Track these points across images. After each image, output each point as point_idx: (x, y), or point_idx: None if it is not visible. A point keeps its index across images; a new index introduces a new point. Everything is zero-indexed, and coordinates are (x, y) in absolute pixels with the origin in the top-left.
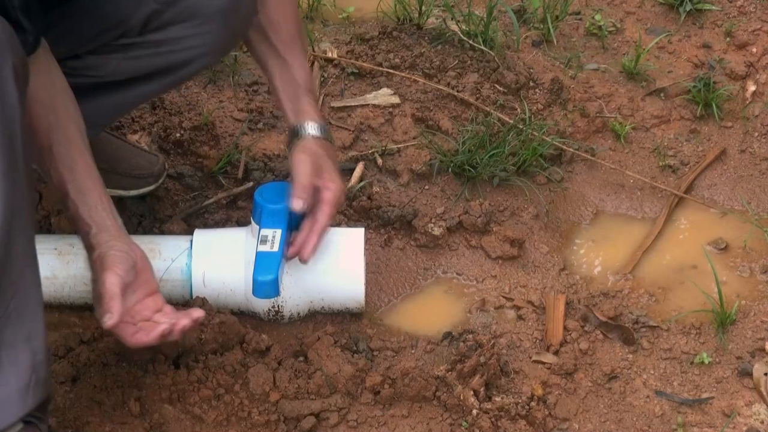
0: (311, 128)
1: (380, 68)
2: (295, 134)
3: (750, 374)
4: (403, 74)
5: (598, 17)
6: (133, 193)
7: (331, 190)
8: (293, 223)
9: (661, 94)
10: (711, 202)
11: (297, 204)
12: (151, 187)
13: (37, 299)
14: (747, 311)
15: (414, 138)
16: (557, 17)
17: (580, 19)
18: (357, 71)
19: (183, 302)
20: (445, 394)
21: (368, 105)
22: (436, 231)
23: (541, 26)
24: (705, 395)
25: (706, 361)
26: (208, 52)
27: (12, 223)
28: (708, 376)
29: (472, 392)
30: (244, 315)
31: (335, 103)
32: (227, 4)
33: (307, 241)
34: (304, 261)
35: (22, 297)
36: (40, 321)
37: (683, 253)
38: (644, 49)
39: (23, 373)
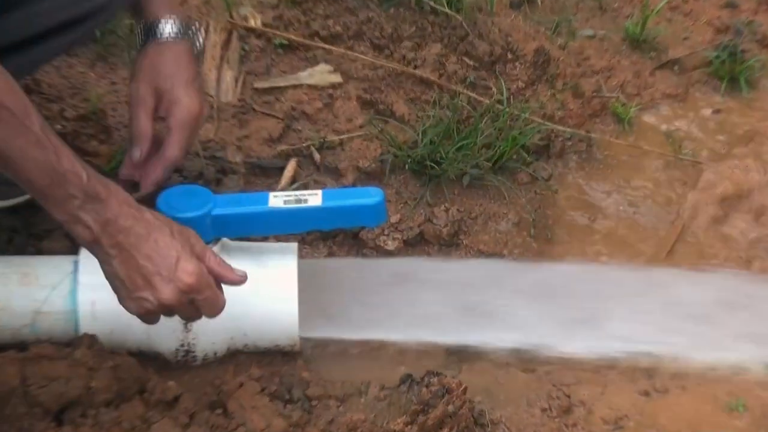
0: (164, 28)
1: (316, 40)
2: (142, 38)
3: None
4: (345, 46)
5: None
6: (2, 204)
7: (177, 111)
8: (212, 232)
9: (675, 67)
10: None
11: (134, 153)
12: (26, 196)
13: None
14: None
15: (360, 127)
16: None
17: None
18: (287, 43)
19: (67, 340)
20: None
21: (302, 85)
22: (390, 245)
23: None
24: None
25: None
26: None
27: None
28: None
29: None
30: (145, 356)
31: (259, 84)
32: None
33: (146, 173)
34: (142, 191)
35: None
36: None
37: None
38: (653, 10)
39: None
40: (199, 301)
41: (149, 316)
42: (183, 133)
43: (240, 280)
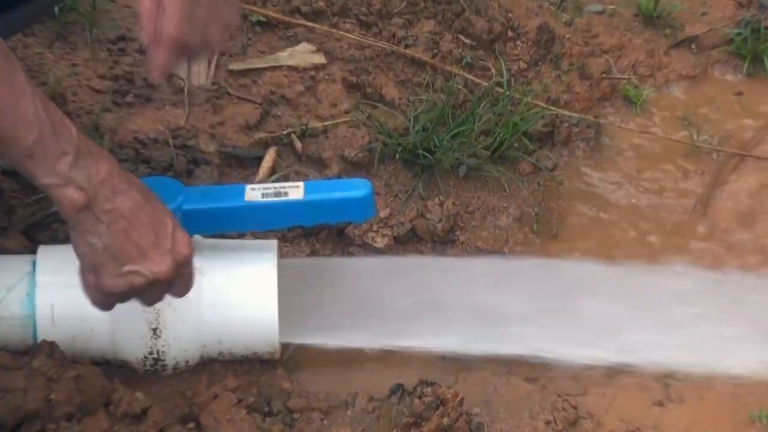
0: None
1: (297, 17)
2: None
3: None
4: (329, 24)
5: None
6: None
7: None
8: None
9: (693, 46)
10: None
11: (141, 37)
12: None
13: None
14: None
15: (346, 112)
16: None
17: None
18: (265, 20)
19: (24, 348)
20: None
21: (281, 67)
22: (379, 242)
23: None
24: None
25: None
26: None
27: None
28: None
29: None
30: (110, 365)
31: (235, 65)
32: None
33: (152, 61)
34: (154, 81)
35: None
36: None
37: None
38: None
39: None
40: (181, 276)
41: (120, 297)
42: (176, 5)
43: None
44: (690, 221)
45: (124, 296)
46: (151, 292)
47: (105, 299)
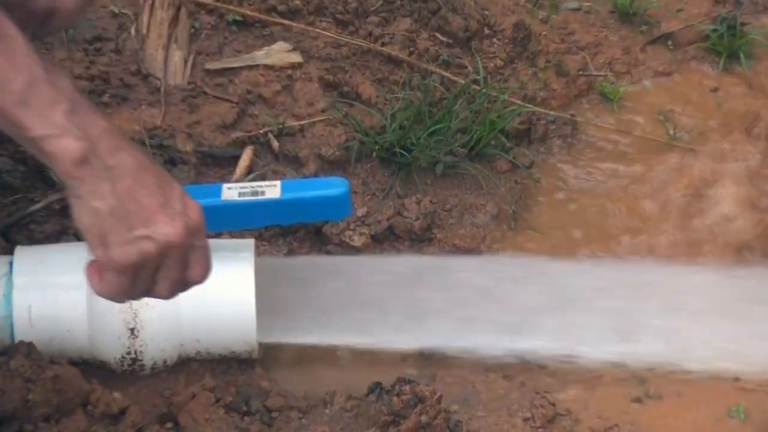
0: None
1: (273, 15)
2: None
3: None
4: (306, 22)
5: None
6: None
7: None
8: None
9: (669, 42)
10: None
11: None
12: None
13: None
14: None
15: (323, 111)
16: None
17: None
18: (241, 19)
19: (1, 349)
20: None
21: (258, 66)
22: (357, 240)
23: None
24: None
25: None
26: None
27: None
28: None
29: None
30: (88, 365)
31: (211, 65)
32: None
33: None
34: None
35: None
36: None
37: None
38: None
39: None
40: (196, 250)
41: (134, 274)
42: None
43: None
44: (661, 217)
45: (138, 271)
46: (166, 266)
47: (118, 281)
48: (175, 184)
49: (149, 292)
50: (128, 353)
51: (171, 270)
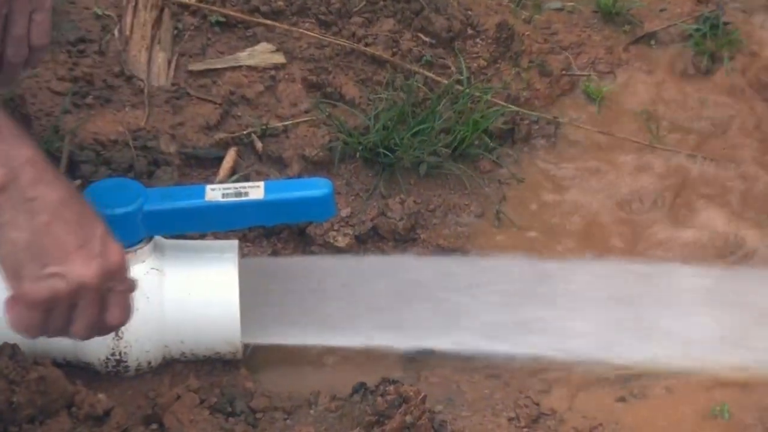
0: None
1: (256, 16)
2: None
3: None
4: (289, 23)
5: None
6: None
7: None
8: (144, 230)
9: (652, 42)
10: None
11: None
12: None
13: None
14: None
15: (306, 112)
16: None
17: None
18: (224, 20)
19: None
20: None
21: (241, 67)
22: (341, 241)
23: None
24: None
25: None
26: None
27: None
28: None
29: None
30: (73, 367)
31: (195, 66)
32: None
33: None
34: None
35: None
36: None
37: None
38: None
39: None
40: (115, 294)
41: (44, 310)
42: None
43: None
44: (648, 216)
45: (49, 308)
46: (81, 307)
47: (28, 315)
48: (98, 224)
49: (64, 332)
50: (113, 354)
51: (86, 311)
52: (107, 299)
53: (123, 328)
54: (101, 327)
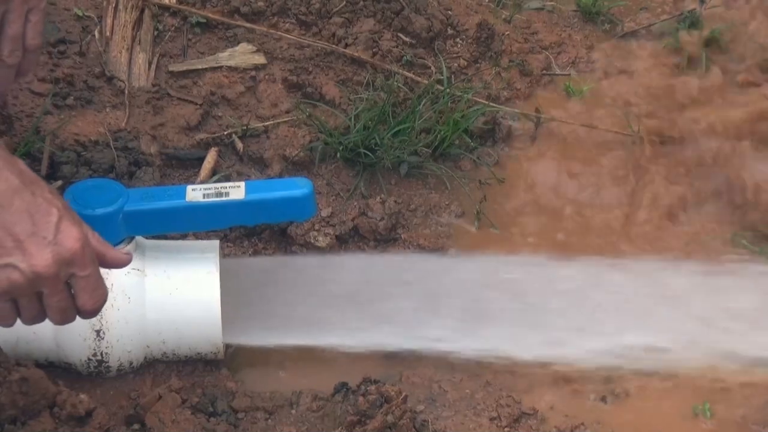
0: None
1: (236, 17)
2: None
3: None
4: (269, 24)
5: None
6: None
7: None
8: (125, 230)
9: (632, 41)
10: None
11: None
12: None
13: None
14: None
15: (287, 112)
16: None
17: None
18: (204, 21)
19: None
20: None
21: (221, 67)
22: (322, 241)
23: None
24: None
25: None
26: None
27: None
28: None
29: None
30: (55, 368)
31: (175, 66)
32: None
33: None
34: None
35: None
36: None
37: None
38: None
39: None
40: (78, 280)
41: (15, 298)
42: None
43: (126, 259)
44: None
45: (9, 297)
46: (47, 295)
47: None
48: (53, 210)
49: (40, 319)
50: (94, 355)
51: (53, 299)
52: (73, 285)
53: (105, 329)
54: (76, 313)
